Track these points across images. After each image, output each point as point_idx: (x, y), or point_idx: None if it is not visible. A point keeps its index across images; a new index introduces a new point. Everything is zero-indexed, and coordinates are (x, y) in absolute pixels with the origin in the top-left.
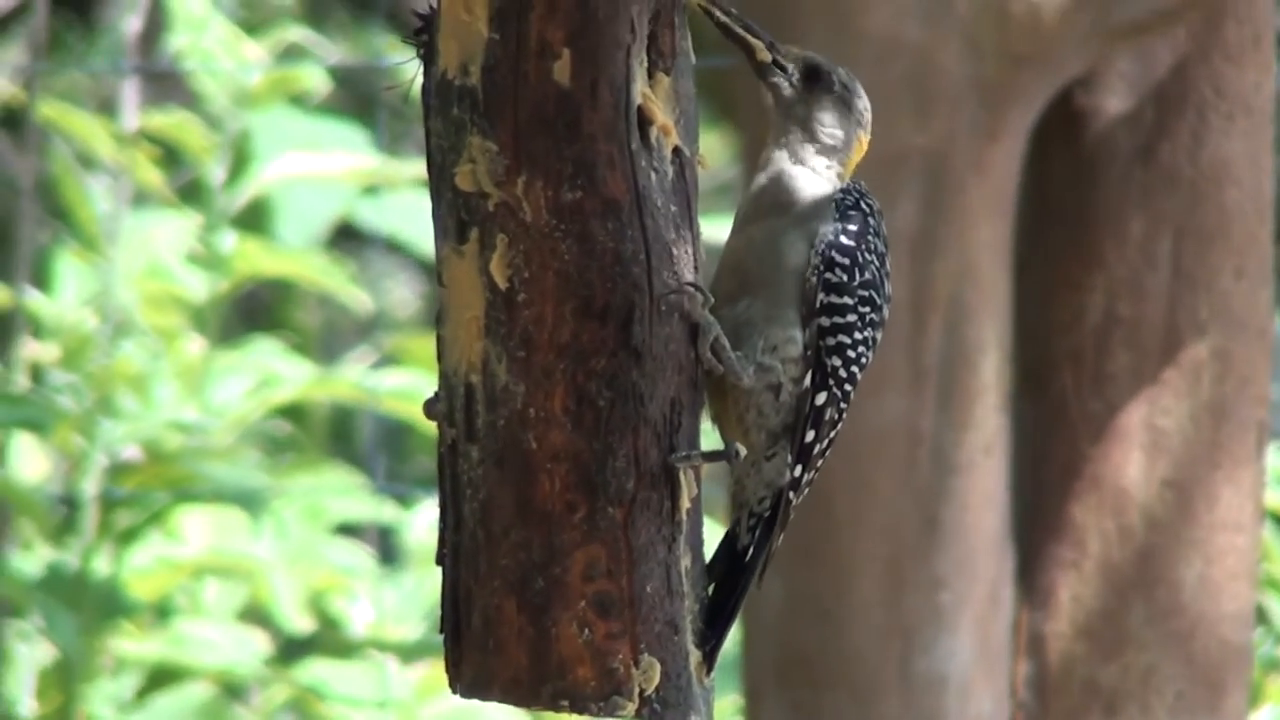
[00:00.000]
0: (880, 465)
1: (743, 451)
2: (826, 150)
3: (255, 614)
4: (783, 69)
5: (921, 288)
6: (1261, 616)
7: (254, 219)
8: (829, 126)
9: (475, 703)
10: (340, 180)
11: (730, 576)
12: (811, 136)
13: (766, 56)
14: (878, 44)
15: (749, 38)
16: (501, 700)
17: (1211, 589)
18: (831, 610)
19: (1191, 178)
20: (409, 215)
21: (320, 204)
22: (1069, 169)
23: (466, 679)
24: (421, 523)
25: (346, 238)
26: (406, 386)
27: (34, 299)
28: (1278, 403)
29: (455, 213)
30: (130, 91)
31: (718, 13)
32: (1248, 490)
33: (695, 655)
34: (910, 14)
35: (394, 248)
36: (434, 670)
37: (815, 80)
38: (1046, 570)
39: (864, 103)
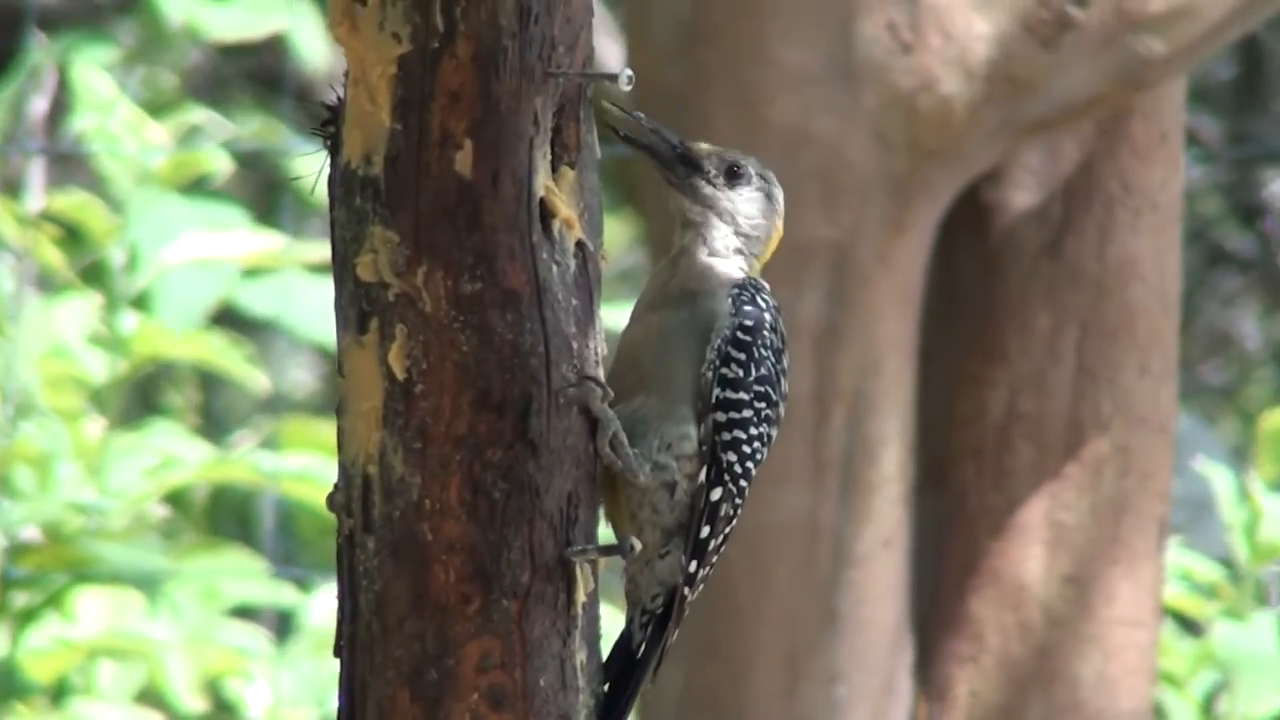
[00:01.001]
0: (780, 557)
1: (637, 546)
2: (746, 241)
3: (151, 697)
4: (698, 169)
5: (825, 380)
6: (1159, 713)
7: (138, 302)
8: (754, 218)
9: None
10: (236, 263)
11: (625, 674)
12: (737, 229)
13: (676, 166)
14: (785, 136)
15: (657, 143)
16: None
17: (1110, 685)
18: (728, 703)
19: (1097, 273)
20: (292, 297)
21: (201, 287)
22: (975, 263)
23: None
24: (319, 606)
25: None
26: (305, 469)
27: None
28: (1178, 499)
29: (357, 303)
30: (36, 172)
31: (620, 119)
32: (1148, 586)
33: None
34: (818, 106)
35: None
36: None
37: (737, 177)
38: (945, 664)
39: (779, 191)
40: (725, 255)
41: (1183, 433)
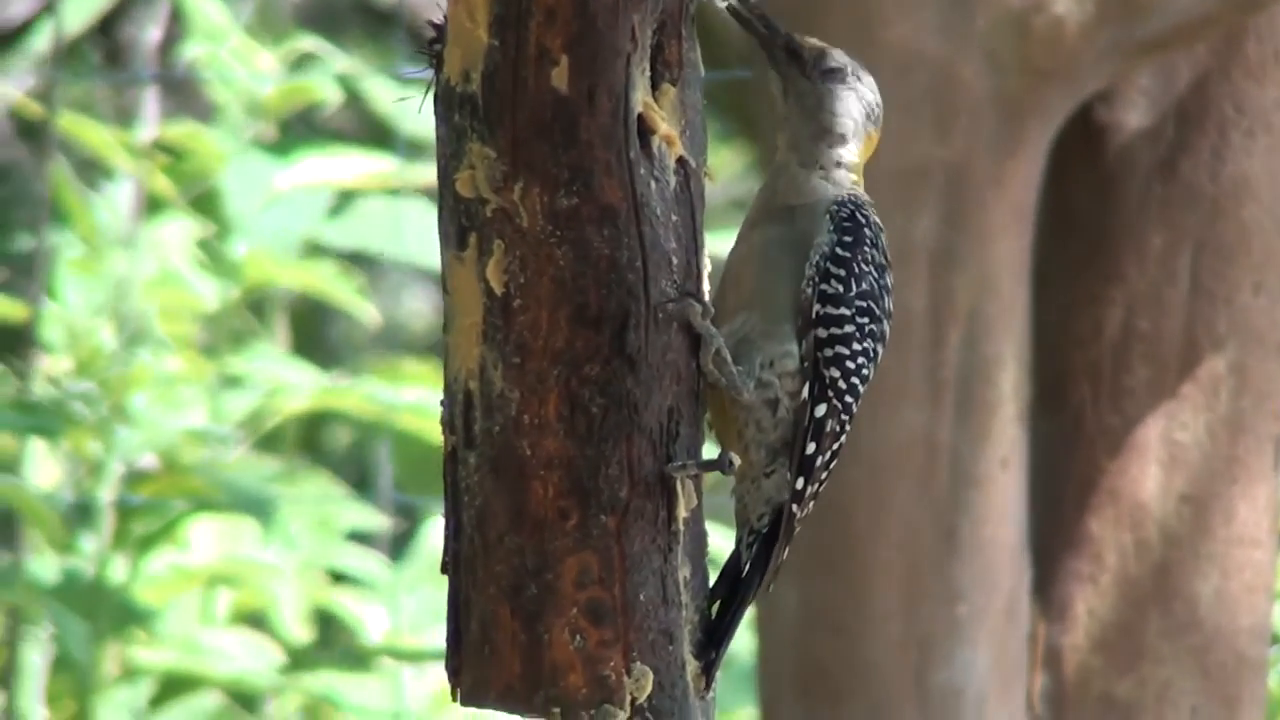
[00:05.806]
0: (898, 477)
1: (736, 461)
2: (835, 141)
3: (257, 622)
4: (799, 58)
5: (941, 301)
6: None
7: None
8: (840, 115)
9: (486, 713)
10: (353, 188)
11: (732, 593)
12: (820, 127)
13: (779, 54)
14: (899, 57)
15: (765, 29)
16: (497, 707)
17: (1228, 603)
18: (848, 622)
19: (1211, 194)
20: (381, 226)
21: (289, 221)
22: (1089, 184)
23: (466, 686)
24: (438, 531)
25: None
26: (418, 400)
27: (50, 310)
28: None
29: (456, 219)
30: (150, 101)
31: (735, 3)
32: (1264, 505)
33: (693, 666)
34: (931, 27)
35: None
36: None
37: (830, 74)
38: (1063, 583)
39: (875, 97)
40: (821, 162)
41: None
